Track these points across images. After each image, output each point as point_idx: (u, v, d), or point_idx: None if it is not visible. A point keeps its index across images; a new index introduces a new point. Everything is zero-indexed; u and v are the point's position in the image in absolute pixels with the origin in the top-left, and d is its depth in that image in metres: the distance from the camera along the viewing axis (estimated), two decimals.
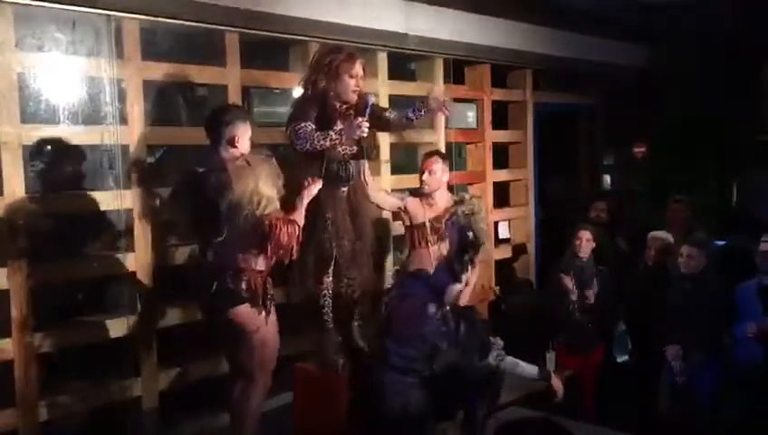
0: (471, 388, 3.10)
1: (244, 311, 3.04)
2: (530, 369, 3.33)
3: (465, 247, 3.18)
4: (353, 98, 3.41)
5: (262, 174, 3.02)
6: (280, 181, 3.10)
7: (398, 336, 3.05)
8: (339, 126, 3.31)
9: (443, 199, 4.01)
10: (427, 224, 3.95)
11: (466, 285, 3.27)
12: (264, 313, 3.09)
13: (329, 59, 3.38)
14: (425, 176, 3.97)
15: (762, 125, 7.88)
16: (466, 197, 4.12)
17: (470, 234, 3.15)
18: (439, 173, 3.98)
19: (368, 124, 3.26)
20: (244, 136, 3.11)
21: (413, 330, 3.03)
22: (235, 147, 3.07)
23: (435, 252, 3.91)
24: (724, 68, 7.15)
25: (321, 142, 3.24)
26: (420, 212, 3.99)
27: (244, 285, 3.02)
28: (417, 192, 4.08)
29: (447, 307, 3.14)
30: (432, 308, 3.07)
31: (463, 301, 3.34)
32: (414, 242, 4.01)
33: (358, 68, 3.39)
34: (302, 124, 3.25)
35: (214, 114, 3.17)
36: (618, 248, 5.16)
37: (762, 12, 6.71)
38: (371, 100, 3.41)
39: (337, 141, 3.28)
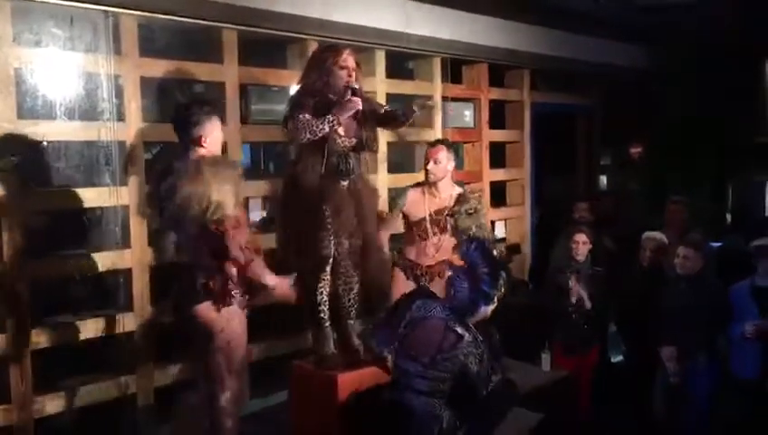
0: (483, 406, 3.04)
1: (206, 310, 2.98)
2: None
3: (497, 268, 3.08)
4: (345, 87, 3.39)
5: (218, 178, 2.92)
6: (237, 188, 2.99)
7: (422, 359, 2.95)
8: (329, 114, 3.29)
9: (446, 190, 4.01)
10: (428, 217, 3.95)
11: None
12: (228, 313, 3.01)
13: (320, 56, 3.43)
14: (430, 165, 3.96)
15: (760, 126, 7.91)
16: (468, 194, 4.13)
17: (496, 252, 3.10)
18: (444, 162, 3.97)
19: (358, 99, 3.29)
20: (211, 135, 3.05)
21: (437, 352, 2.94)
22: (202, 146, 3.02)
23: (434, 244, 3.92)
24: (723, 69, 7.17)
25: (320, 127, 3.23)
26: (421, 205, 3.98)
27: (200, 285, 2.96)
28: (419, 183, 4.08)
29: (474, 328, 3.06)
30: (460, 329, 2.99)
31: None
32: (412, 237, 4.01)
33: (347, 59, 3.39)
34: (299, 116, 3.24)
35: (180, 113, 3.08)
36: (604, 248, 5.17)
37: (760, 13, 6.73)
38: (354, 84, 3.39)
39: (335, 122, 3.27)
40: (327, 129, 3.25)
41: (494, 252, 3.08)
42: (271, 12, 4.15)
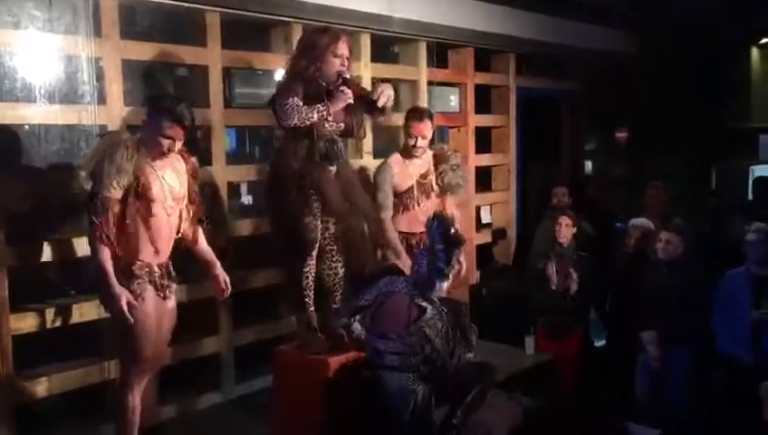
0: (456, 383, 3.11)
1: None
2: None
3: (452, 245, 3.11)
4: (337, 79, 3.37)
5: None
6: (129, 165, 2.91)
7: (390, 335, 3.03)
8: (322, 103, 3.28)
9: (426, 152, 4.02)
10: (415, 184, 3.94)
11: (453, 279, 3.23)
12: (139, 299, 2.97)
13: (314, 40, 3.36)
14: (418, 141, 3.92)
15: (742, 113, 7.98)
16: (447, 151, 4.13)
17: (453, 230, 3.14)
18: (429, 134, 3.96)
19: (350, 91, 3.27)
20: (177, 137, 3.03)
21: (404, 326, 3.02)
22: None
23: (423, 211, 3.90)
24: (706, 55, 7.21)
25: (309, 116, 3.22)
26: (407, 174, 3.96)
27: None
28: (399, 152, 4.04)
29: (438, 302, 3.13)
30: (423, 303, 3.07)
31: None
32: (400, 207, 3.99)
33: (343, 47, 3.37)
34: (289, 100, 3.22)
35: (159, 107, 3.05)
36: (583, 233, 5.21)
37: (741, 1, 6.77)
38: (346, 74, 3.39)
39: (324, 113, 3.25)
40: (316, 118, 3.25)
41: (452, 230, 3.10)
42: None
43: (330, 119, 3.33)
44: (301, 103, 3.23)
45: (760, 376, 3.88)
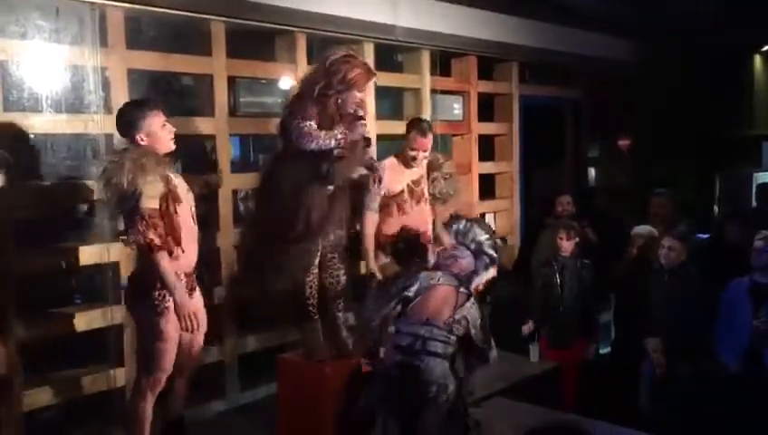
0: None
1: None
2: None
3: (492, 235, 3.44)
4: (354, 111, 3.43)
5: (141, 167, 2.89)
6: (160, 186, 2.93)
7: (435, 322, 3.14)
8: (341, 129, 3.31)
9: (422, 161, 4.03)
10: (406, 189, 3.92)
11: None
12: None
13: (344, 68, 3.32)
14: (420, 154, 3.89)
15: (745, 120, 7.98)
16: (440, 159, 4.15)
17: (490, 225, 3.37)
18: (430, 147, 3.96)
19: (366, 127, 3.40)
20: (148, 130, 3.01)
21: (451, 313, 3.16)
22: (139, 144, 3.00)
23: (412, 218, 3.89)
24: (709, 63, 7.22)
25: (327, 143, 3.26)
26: (399, 178, 3.92)
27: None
28: (395, 155, 4.01)
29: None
30: (467, 291, 3.26)
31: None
32: (389, 211, 3.91)
33: (370, 84, 3.43)
34: (308, 123, 3.24)
35: (117, 114, 3.10)
36: (588, 240, 5.21)
37: (746, 8, 6.78)
38: (360, 111, 3.49)
39: (342, 143, 3.30)
40: (332, 145, 3.28)
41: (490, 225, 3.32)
42: (259, 4, 4.13)
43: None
44: (316, 128, 3.26)
45: (758, 385, 3.88)
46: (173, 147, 3.08)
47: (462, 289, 3.25)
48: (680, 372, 4.22)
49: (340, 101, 3.33)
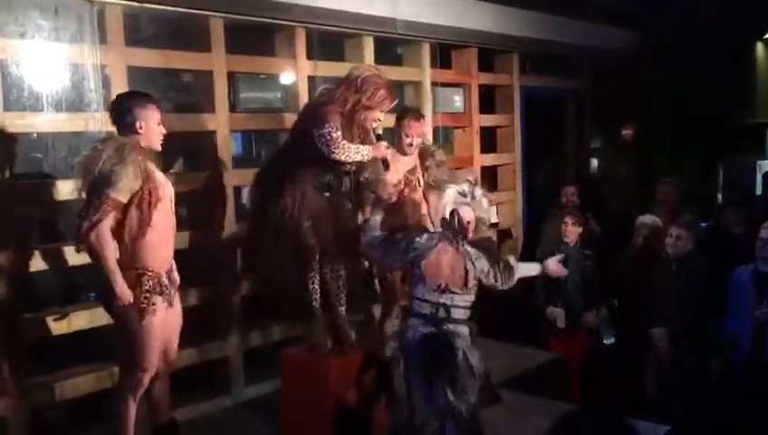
0: None
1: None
2: (531, 267, 3.50)
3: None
4: (373, 128, 3.50)
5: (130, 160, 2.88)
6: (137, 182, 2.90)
7: (453, 289, 3.11)
8: (365, 145, 3.38)
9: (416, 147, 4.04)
10: (402, 179, 3.91)
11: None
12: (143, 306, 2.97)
13: (374, 87, 3.37)
14: (414, 141, 3.91)
15: (748, 108, 7.94)
16: (432, 147, 4.15)
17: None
18: (423, 131, 3.98)
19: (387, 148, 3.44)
20: (145, 122, 3.02)
21: (465, 275, 3.12)
22: (137, 133, 3.01)
23: (409, 207, 3.88)
24: (711, 52, 7.18)
25: (354, 156, 3.30)
26: (395, 169, 3.88)
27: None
28: (394, 147, 3.99)
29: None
30: (467, 247, 3.18)
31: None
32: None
33: (390, 107, 3.48)
34: (339, 134, 3.26)
35: (113, 103, 3.11)
36: (591, 231, 5.20)
37: None
38: (379, 130, 3.54)
39: (366, 158, 3.36)
40: (358, 159, 3.33)
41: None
42: None
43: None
44: (345, 140, 3.29)
45: (761, 373, 3.87)
46: (159, 148, 3.09)
47: (461, 247, 3.16)
48: (686, 361, 4.23)
49: (363, 117, 3.38)
